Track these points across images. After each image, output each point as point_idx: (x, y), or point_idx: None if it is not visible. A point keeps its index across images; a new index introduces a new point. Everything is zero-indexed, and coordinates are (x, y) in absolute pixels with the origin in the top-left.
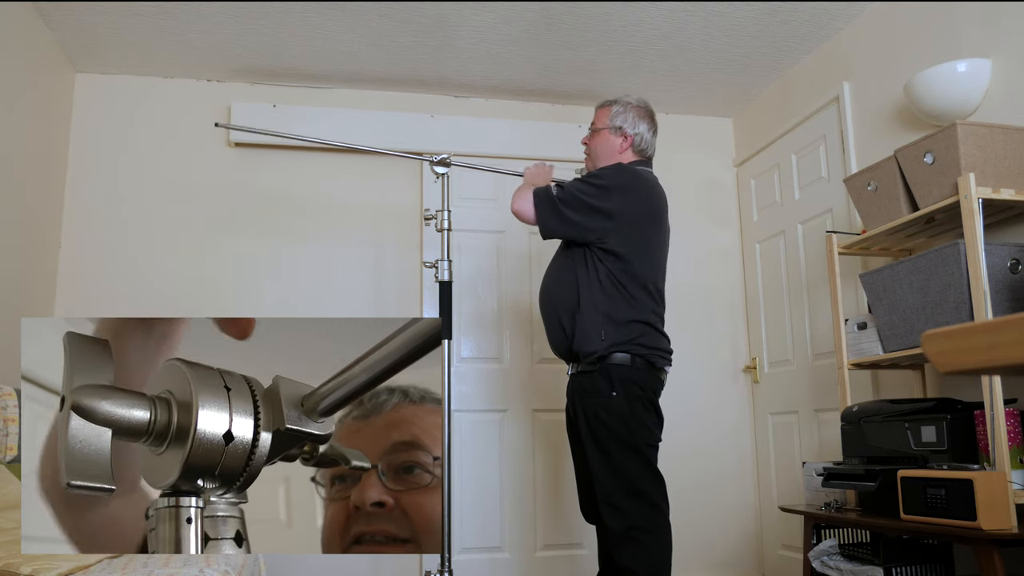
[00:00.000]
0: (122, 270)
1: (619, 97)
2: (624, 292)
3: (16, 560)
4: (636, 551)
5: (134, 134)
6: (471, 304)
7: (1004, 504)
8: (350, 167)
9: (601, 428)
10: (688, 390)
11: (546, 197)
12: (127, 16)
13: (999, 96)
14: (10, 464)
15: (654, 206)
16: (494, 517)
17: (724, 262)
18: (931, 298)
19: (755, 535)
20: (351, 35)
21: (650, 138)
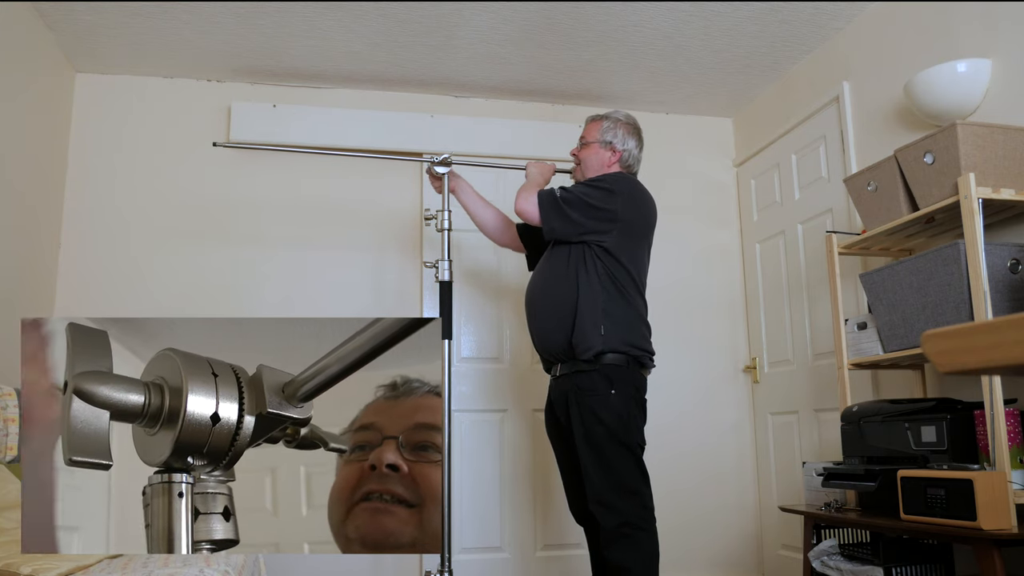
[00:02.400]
0: (122, 270)
1: (609, 112)
2: (622, 290)
3: (16, 560)
4: (629, 547)
5: (134, 134)
6: (471, 304)
7: (1004, 504)
8: (350, 168)
9: (597, 426)
10: (688, 390)
11: (550, 198)
12: (127, 16)
13: (999, 96)
14: (10, 464)
15: (650, 217)
16: (494, 517)
17: (724, 262)
18: (931, 298)
19: (755, 535)
20: (351, 35)
21: (637, 154)
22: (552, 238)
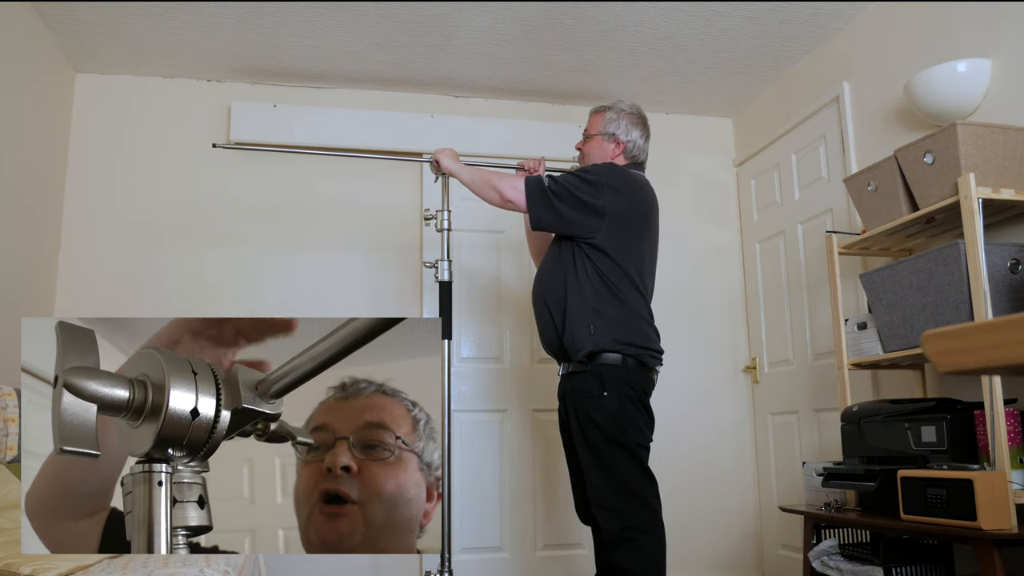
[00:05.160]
0: (122, 270)
1: (612, 103)
2: (613, 288)
3: (16, 560)
4: (631, 551)
5: (134, 134)
6: (471, 304)
7: (1004, 504)
8: (350, 167)
9: (593, 429)
10: (688, 390)
11: (538, 189)
12: (127, 16)
13: (999, 96)
14: (10, 464)
15: (644, 207)
16: (494, 517)
17: (724, 262)
18: (931, 298)
19: (755, 535)
20: (351, 35)
21: (643, 144)
22: (539, 229)
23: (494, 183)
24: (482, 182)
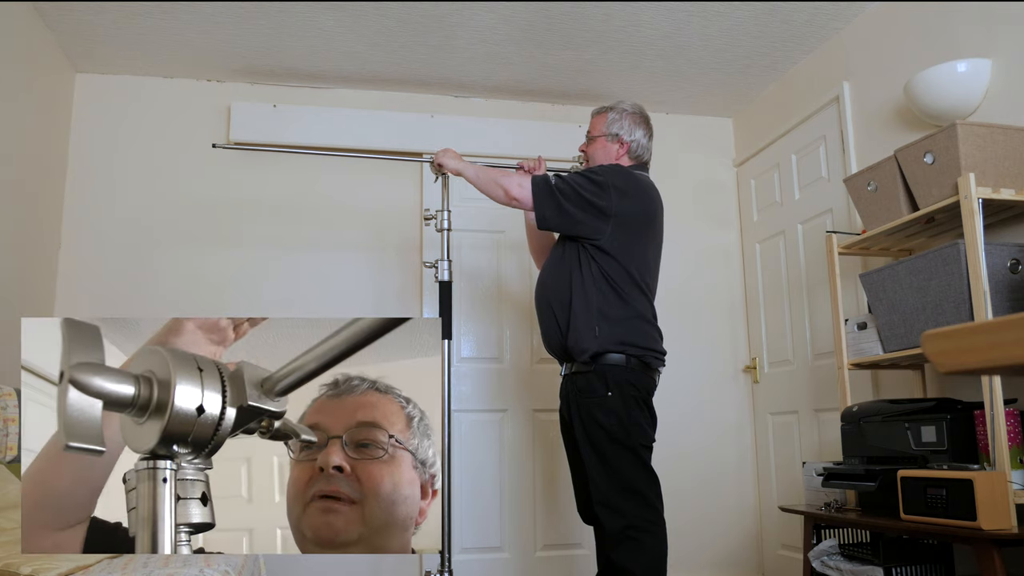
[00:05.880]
0: (122, 270)
1: (614, 104)
2: (618, 289)
3: (16, 560)
4: (633, 550)
5: (134, 134)
6: (471, 304)
7: (1004, 504)
8: (350, 167)
9: (596, 429)
10: (688, 390)
11: (545, 187)
12: (127, 16)
13: (999, 96)
14: (10, 464)
15: (649, 209)
16: (494, 517)
17: (724, 262)
18: (931, 298)
19: (755, 535)
20: (351, 35)
21: (646, 144)
22: (545, 228)
23: (500, 180)
24: (487, 179)
